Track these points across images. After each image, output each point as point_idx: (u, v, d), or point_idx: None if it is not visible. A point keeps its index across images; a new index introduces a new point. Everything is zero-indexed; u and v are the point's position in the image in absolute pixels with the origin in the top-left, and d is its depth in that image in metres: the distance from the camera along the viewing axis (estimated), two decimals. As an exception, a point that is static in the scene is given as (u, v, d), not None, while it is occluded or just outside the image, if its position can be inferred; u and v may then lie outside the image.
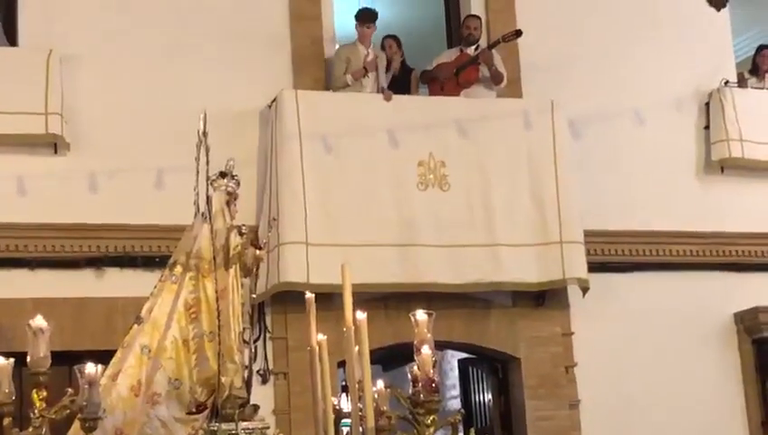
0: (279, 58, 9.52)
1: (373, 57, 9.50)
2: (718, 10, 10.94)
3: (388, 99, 9.37)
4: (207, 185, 5.49)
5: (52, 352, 5.23)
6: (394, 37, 9.92)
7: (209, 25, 9.35)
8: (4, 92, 8.59)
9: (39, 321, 5.23)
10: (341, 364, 6.53)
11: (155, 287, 5.46)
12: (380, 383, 5.45)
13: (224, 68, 9.27)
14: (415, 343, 4.90)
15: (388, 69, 9.74)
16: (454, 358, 10.89)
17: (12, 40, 9.05)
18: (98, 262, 8.78)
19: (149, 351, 5.27)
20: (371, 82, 9.53)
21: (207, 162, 5.42)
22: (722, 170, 10.53)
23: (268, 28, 9.56)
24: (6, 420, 5.32)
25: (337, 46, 9.91)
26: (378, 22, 9.71)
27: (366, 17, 9.62)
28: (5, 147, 8.64)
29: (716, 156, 10.42)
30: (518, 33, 9.71)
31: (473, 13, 10.08)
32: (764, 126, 10.50)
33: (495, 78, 9.75)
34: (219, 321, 5.21)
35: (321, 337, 5.07)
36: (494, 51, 9.73)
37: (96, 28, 9.06)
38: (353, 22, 9.69)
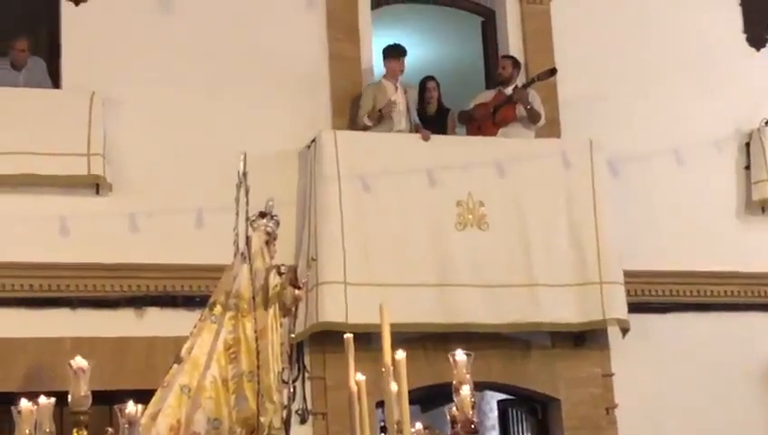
0: (318, 99, 9.58)
1: (389, 101, 9.41)
2: (758, 49, 10.91)
3: (426, 139, 9.39)
4: (247, 225, 5.53)
5: (92, 392, 5.25)
6: (434, 78, 9.96)
7: (249, 67, 9.43)
8: (48, 134, 8.70)
9: (80, 360, 5.26)
10: (380, 404, 6.51)
11: (195, 327, 5.49)
12: (419, 424, 5.43)
13: (263, 109, 9.34)
14: (454, 383, 4.89)
15: (424, 106, 9.75)
16: (493, 399, 10.83)
17: (55, 82, 9.17)
18: (138, 301, 8.83)
19: (189, 390, 5.28)
20: (404, 120, 9.55)
21: (247, 202, 5.47)
22: (763, 210, 10.46)
23: (307, 69, 9.63)
24: (47, 459, 5.35)
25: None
26: (416, 62, 9.73)
27: (395, 53, 9.64)
28: (48, 187, 8.72)
29: (757, 196, 10.35)
30: (553, 71, 9.72)
31: (509, 53, 10.11)
32: (806, 166, 10.42)
33: (532, 117, 9.76)
34: (258, 361, 5.22)
35: (360, 377, 5.07)
36: (531, 90, 9.74)
37: (138, 70, 9.16)
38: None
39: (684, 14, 10.69)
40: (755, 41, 10.92)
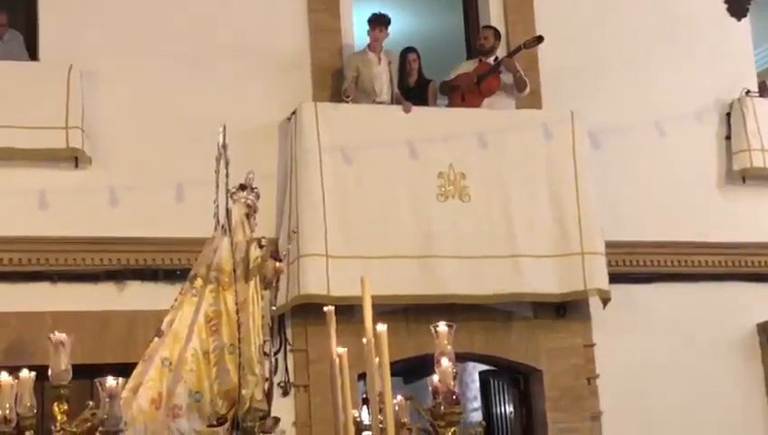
0: (299, 71, 9.54)
1: (353, 87, 9.38)
2: (739, 20, 10.91)
3: (407, 111, 9.36)
4: (227, 198, 5.50)
5: (73, 366, 5.23)
6: (415, 50, 9.91)
7: (229, 39, 9.38)
8: (26, 107, 8.64)
9: (60, 334, 5.24)
10: (362, 376, 6.52)
11: (175, 300, 5.47)
12: (401, 396, 5.44)
13: (243, 81, 9.30)
14: (435, 354, 4.90)
15: (405, 77, 9.72)
16: (475, 370, 10.87)
17: (33, 55, 9.10)
18: (119, 275, 8.80)
19: (170, 363, 5.27)
20: (386, 91, 9.52)
21: (227, 175, 5.43)
22: (743, 180, 10.49)
23: (288, 41, 9.58)
24: (28, 434, 5.34)
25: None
26: (396, 33, 9.68)
27: (380, 21, 9.58)
28: (27, 161, 8.67)
29: (738, 166, 10.39)
30: (539, 39, 9.69)
31: (491, 24, 10.08)
32: (786, 135, 10.45)
33: (519, 85, 9.75)
34: (239, 333, 5.21)
35: (342, 349, 5.07)
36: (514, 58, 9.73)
37: (116, 43, 9.11)
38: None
39: (665, -15, 10.69)
40: (736, 11, 10.92)
